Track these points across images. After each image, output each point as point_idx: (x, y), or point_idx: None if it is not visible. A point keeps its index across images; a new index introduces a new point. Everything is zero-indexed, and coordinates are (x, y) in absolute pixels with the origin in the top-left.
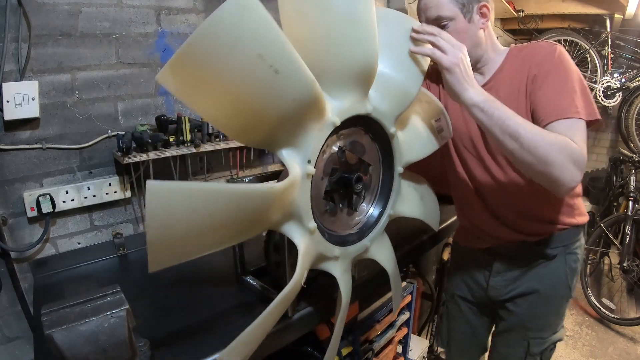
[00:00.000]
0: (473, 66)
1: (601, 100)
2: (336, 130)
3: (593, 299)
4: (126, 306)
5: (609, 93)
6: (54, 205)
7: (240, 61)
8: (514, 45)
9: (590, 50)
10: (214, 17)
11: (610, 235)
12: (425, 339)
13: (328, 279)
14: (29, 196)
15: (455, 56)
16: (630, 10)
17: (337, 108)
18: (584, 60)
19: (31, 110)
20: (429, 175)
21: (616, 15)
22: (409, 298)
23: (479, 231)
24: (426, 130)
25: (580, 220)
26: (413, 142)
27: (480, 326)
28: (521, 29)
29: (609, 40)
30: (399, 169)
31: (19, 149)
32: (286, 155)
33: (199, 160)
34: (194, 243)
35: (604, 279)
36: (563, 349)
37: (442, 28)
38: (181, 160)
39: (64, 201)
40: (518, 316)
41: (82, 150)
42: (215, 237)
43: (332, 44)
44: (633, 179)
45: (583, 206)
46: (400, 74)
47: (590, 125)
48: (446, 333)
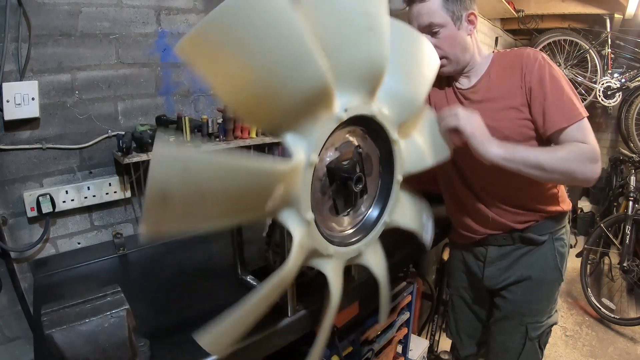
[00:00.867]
0: (461, 71)
1: (601, 100)
2: (341, 127)
3: (593, 299)
4: (126, 306)
5: (609, 93)
6: (54, 205)
7: (270, 35)
8: (496, 50)
9: (590, 50)
10: None
11: (610, 235)
12: (425, 339)
13: None
14: (29, 196)
15: (473, 124)
16: (630, 10)
17: (345, 104)
18: (584, 60)
19: (31, 110)
20: (424, 175)
21: (616, 15)
22: (409, 298)
23: (470, 223)
24: (426, 144)
25: (565, 207)
26: (413, 155)
27: (483, 313)
28: (521, 29)
29: (609, 40)
30: (398, 177)
31: (19, 149)
32: (291, 140)
33: None
34: (193, 212)
35: (604, 279)
36: (563, 349)
37: (434, 34)
38: None
39: (64, 201)
40: (513, 303)
41: (82, 150)
42: (215, 210)
43: (346, 40)
44: (633, 179)
45: (566, 194)
46: (406, 82)
47: None
48: (454, 325)
